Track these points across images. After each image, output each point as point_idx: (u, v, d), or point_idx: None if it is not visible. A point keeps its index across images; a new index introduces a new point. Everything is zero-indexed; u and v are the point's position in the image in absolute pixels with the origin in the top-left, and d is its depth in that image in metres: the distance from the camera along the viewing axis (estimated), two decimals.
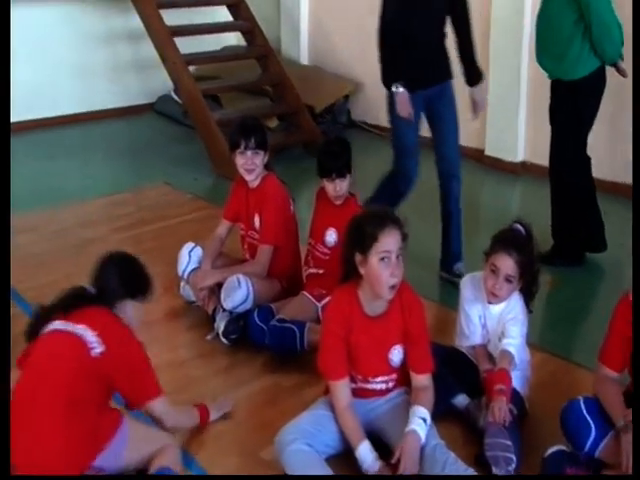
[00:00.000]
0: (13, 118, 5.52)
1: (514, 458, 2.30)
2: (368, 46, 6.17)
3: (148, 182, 5.09)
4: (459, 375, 2.69)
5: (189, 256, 3.41)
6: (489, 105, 5.06)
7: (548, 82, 3.86)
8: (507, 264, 2.52)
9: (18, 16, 5.71)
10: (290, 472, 2.28)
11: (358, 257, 2.32)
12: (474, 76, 3.64)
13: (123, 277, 2.36)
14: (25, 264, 3.77)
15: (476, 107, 3.69)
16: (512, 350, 2.54)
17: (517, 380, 2.62)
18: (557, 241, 3.90)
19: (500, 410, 2.39)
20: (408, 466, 2.24)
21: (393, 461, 2.26)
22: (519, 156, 5.37)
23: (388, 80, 3.53)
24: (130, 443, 2.22)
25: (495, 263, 2.54)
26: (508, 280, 2.54)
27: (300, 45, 6.79)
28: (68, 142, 6.05)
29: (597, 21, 3.49)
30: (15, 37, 5.45)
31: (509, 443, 2.32)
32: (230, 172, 5.08)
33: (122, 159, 5.63)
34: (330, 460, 2.35)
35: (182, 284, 3.45)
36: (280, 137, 5.73)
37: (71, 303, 2.28)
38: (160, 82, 6.71)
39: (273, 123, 5.99)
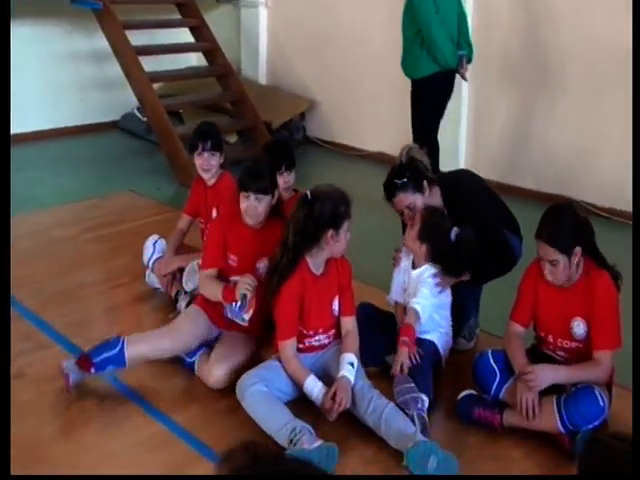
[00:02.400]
0: None
1: (421, 396, 2.82)
2: (323, 67, 6.88)
3: (114, 191, 5.56)
4: (390, 335, 3.20)
5: (153, 247, 3.92)
6: None
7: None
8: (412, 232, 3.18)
9: None
10: (252, 411, 2.76)
11: (330, 233, 2.83)
12: None
13: None
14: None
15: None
16: (417, 307, 3.08)
17: (439, 338, 3.17)
18: None
19: (400, 362, 2.93)
20: (342, 402, 2.78)
21: (329, 395, 2.79)
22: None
23: None
24: None
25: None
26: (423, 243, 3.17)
27: (259, 66, 7.37)
28: (36, 156, 6.49)
29: (427, 38, 4.62)
30: None
31: (412, 385, 2.85)
32: (191, 181, 5.62)
33: (89, 171, 6.11)
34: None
35: (147, 272, 3.94)
36: (238, 151, 6.24)
37: None
38: (123, 100, 7.20)
39: (232, 138, 6.53)
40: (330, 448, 2.64)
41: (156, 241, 3.93)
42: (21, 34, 6.65)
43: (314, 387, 2.84)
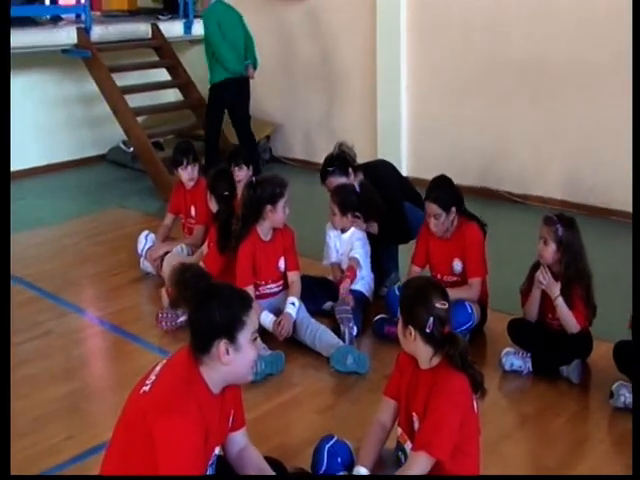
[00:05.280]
0: None
1: (352, 318, 4.11)
2: (285, 96, 8.24)
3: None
4: (326, 291, 4.49)
5: (145, 239, 5.24)
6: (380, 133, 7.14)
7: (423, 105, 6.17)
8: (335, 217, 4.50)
9: None
10: None
11: (269, 207, 4.08)
12: None
13: None
14: (26, 258, 5.61)
15: None
16: (357, 256, 4.42)
17: (363, 286, 4.46)
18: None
19: (344, 292, 4.22)
20: (285, 327, 4.07)
21: (277, 322, 4.07)
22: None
23: None
24: None
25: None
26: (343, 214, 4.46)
27: None
28: (35, 188, 7.75)
29: (217, 54, 6.90)
30: None
31: (348, 308, 4.14)
32: None
33: (83, 196, 7.43)
34: None
35: (141, 260, 5.23)
36: None
37: None
38: (110, 136, 8.53)
39: None
40: (278, 354, 3.92)
41: (147, 234, 5.26)
42: (19, 82, 7.98)
43: (267, 318, 4.12)
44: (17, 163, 8.01)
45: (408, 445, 2.69)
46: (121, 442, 2.43)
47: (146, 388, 2.41)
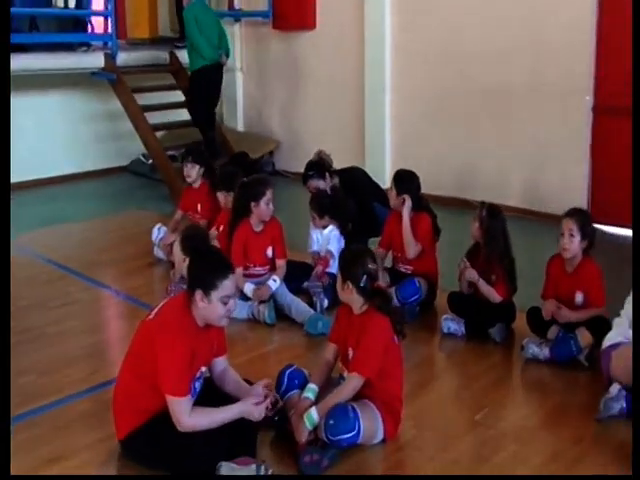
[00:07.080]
0: (21, 177, 8.22)
1: (322, 291, 4.96)
2: (286, 116, 9.15)
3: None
4: (305, 273, 5.32)
5: (158, 230, 6.14)
6: (367, 149, 8.00)
7: (404, 124, 6.84)
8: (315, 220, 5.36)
9: (29, 100, 8.56)
10: None
11: (253, 203, 4.93)
12: None
13: None
14: (58, 246, 6.50)
15: None
16: (332, 249, 5.26)
17: (336, 269, 5.23)
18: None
19: (317, 273, 5.06)
20: (263, 295, 4.89)
21: (256, 290, 4.91)
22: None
23: None
24: None
25: None
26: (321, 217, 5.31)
27: (237, 117, 9.75)
28: (66, 192, 8.69)
29: (195, 44, 7.96)
30: (25, 116, 8.24)
31: (319, 283, 4.99)
32: None
33: (107, 200, 8.35)
34: None
35: (155, 248, 6.10)
36: None
37: None
38: (131, 149, 9.44)
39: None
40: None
41: (160, 227, 6.15)
42: (52, 100, 8.96)
43: (249, 287, 4.96)
44: (50, 171, 9.01)
45: (346, 373, 3.52)
46: (134, 353, 3.32)
47: (151, 316, 3.29)
